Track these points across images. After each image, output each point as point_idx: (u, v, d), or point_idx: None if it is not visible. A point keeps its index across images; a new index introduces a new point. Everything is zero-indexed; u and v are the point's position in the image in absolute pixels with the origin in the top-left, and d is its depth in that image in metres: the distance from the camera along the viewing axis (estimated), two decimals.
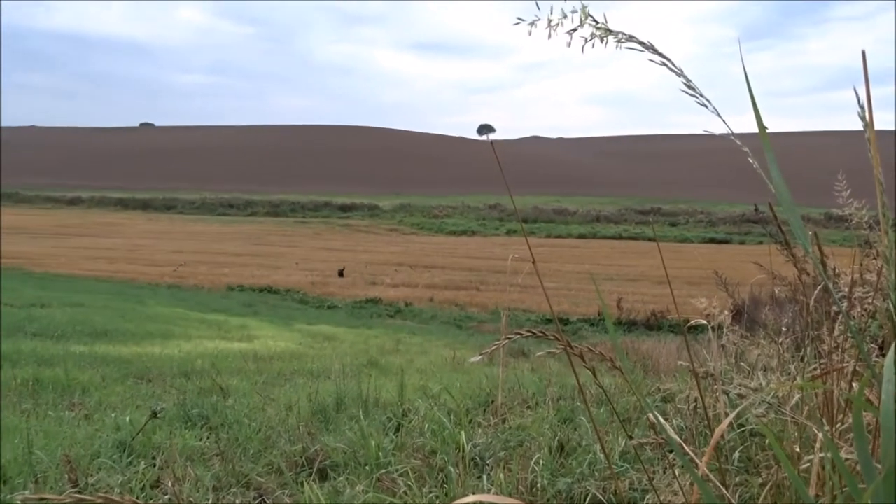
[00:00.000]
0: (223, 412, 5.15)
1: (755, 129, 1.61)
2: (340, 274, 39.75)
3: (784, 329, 3.57)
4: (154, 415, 4.69)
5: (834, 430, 2.25)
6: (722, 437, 2.68)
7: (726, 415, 1.89)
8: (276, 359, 11.53)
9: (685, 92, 1.65)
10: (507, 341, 1.53)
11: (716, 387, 2.51)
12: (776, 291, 4.17)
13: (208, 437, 4.63)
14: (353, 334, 19.33)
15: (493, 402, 5.08)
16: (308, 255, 46.36)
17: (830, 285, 1.60)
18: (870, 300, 2.22)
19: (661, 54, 1.64)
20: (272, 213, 78.24)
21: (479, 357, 1.48)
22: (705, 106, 1.64)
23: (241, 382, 7.85)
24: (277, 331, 18.38)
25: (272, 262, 43.15)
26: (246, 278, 36.04)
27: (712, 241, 59.27)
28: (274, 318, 22.51)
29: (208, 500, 3.57)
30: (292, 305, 29.28)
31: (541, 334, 1.56)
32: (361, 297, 31.46)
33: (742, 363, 3.73)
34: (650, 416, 1.66)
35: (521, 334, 1.54)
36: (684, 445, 1.62)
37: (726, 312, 3.68)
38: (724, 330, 3.64)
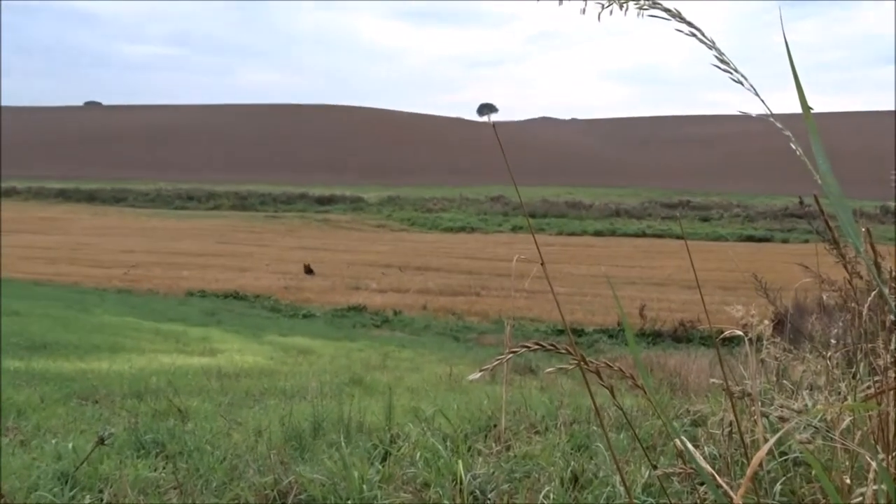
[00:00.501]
0: (181, 438, 5.15)
1: (798, 109, 1.61)
2: (308, 271, 39.79)
3: (833, 341, 3.58)
4: (101, 441, 4.68)
5: (890, 458, 2.26)
6: (760, 466, 2.69)
7: (766, 441, 1.90)
8: (244, 376, 11.51)
9: (717, 67, 1.65)
10: (511, 355, 1.53)
11: (754, 408, 2.52)
12: (824, 298, 4.17)
13: (164, 467, 4.62)
14: (332, 347, 19.31)
15: (495, 426, 5.08)
16: (280, 256, 46.34)
17: (886, 291, 1.60)
18: None
19: (689, 23, 1.65)
20: (239, 207, 78.19)
21: (479, 374, 1.48)
22: (741, 83, 1.65)
23: (202, 403, 7.83)
24: (245, 343, 18.35)
25: (239, 263, 43.11)
26: (208, 282, 36.01)
27: (750, 239, 59.34)
28: (241, 328, 22.47)
29: None
30: (262, 314, 29.26)
31: (551, 347, 1.56)
32: (343, 305, 31.45)
33: (785, 381, 3.74)
34: (677, 442, 1.66)
35: (527, 347, 1.54)
36: (717, 476, 1.62)
37: (766, 322, 3.69)
38: (764, 342, 3.65)
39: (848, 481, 2.36)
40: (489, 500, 3.75)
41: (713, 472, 1.64)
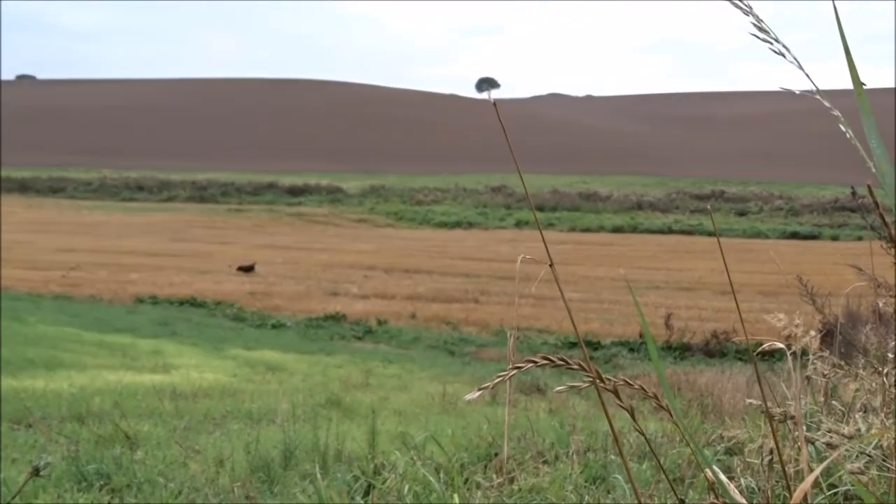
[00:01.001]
0: (130, 469, 5.15)
1: (850, 85, 1.62)
2: (245, 269, 40.01)
3: (891, 356, 3.60)
4: (36, 472, 4.68)
5: None
6: (805, 501, 2.70)
7: (811, 471, 1.90)
8: (202, 396, 11.51)
9: (755, 36, 1.66)
10: (515, 372, 1.54)
11: (798, 434, 2.53)
12: (880, 304, 4.19)
13: (109, 503, 4.63)
14: (306, 363, 19.31)
15: (496, 454, 5.09)
16: (246, 255, 46.29)
17: None
18: None
19: None
20: (197, 199, 78.13)
21: (478, 393, 1.49)
22: (782, 54, 1.65)
23: (154, 428, 7.84)
24: (204, 358, 18.35)
25: (197, 264, 43.07)
26: (161, 287, 35.98)
27: (794, 235, 59.44)
28: (199, 340, 22.45)
29: None
30: (224, 323, 29.24)
31: (561, 362, 1.57)
32: (318, 313, 31.44)
33: (834, 402, 3.75)
34: (709, 472, 1.67)
35: (534, 362, 1.55)
36: None
37: (813, 333, 3.70)
38: (810, 357, 3.66)
39: None
40: None
41: None
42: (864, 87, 1.60)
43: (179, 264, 42.75)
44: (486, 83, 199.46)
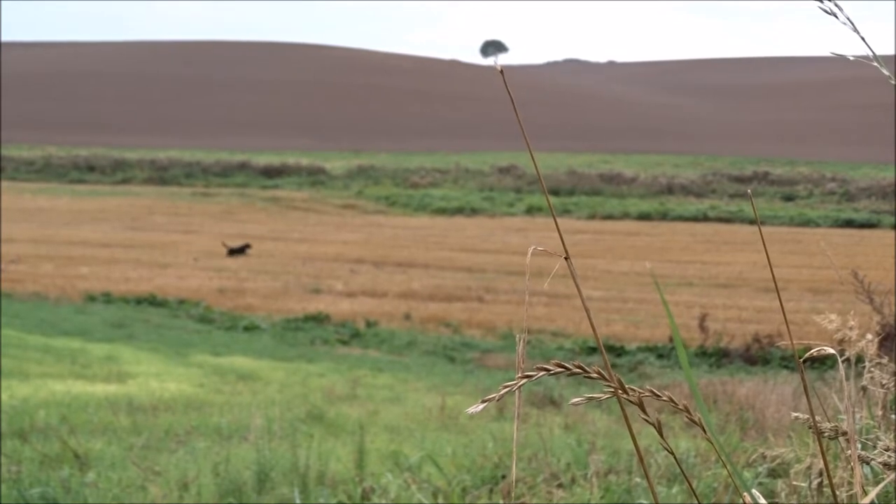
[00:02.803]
0: (79, 493, 5.15)
1: None
2: (235, 251, 40.20)
3: None
4: None
5: None
6: None
7: (866, 495, 1.91)
8: (163, 409, 11.53)
9: None
10: (524, 381, 1.54)
11: (850, 452, 2.54)
12: None
13: None
14: (283, 371, 19.34)
15: (503, 476, 5.09)
16: (213, 247, 46.31)
17: None
18: None
19: None
20: (157, 180, 78.10)
21: (482, 406, 1.49)
22: (834, 15, 1.66)
23: (107, 446, 7.85)
24: (165, 365, 18.38)
25: (157, 256, 43.10)
26: (115, 282, 36.01)
27: (849, 224, 59.41)
28: (159, 344, 22.47)
29: None
30: (189, 325, 29.26)
31: (578, 370, 1.57)
32: (297, 313, 31.45)
33: (894, 416, 3.76)
34: (748, 497, 1.68)
35: (546, 370, 1.55)
36: None
37: (870, 336, 3.71)
38: (867, 364, 3.67)
39: None
40: None
41: None
42: None
43: (137, 257, 42.76)
44: (492, 47, 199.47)
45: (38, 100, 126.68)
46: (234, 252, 41.41)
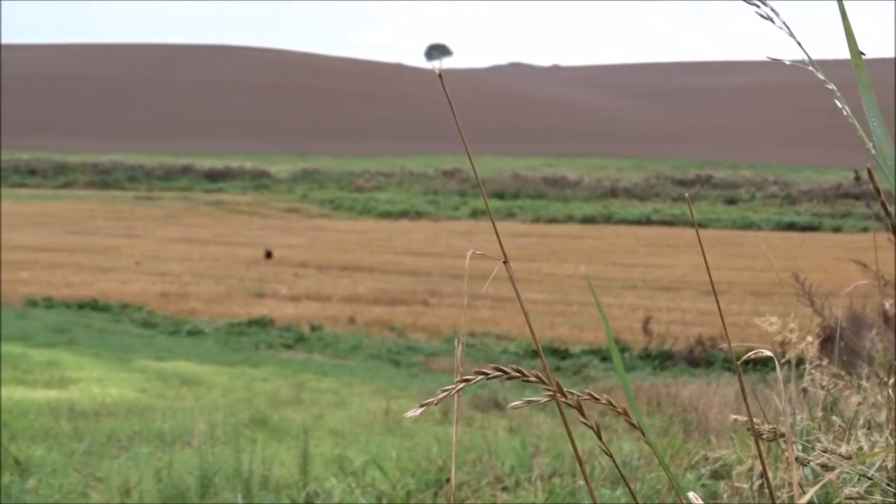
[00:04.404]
0: (20, 499, 5.11)
1: (847, 55, 1.64)
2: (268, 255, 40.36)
3: None
4: None
5: None
6: None
7: (804, 495, 1.93)
8: (106, 414, 11.45)
9: None
10: (462, 386, 1.54)
11: (787, 454, 2.56)
12: (887, 306, 4.24)
13: None
14: (227, 376, 19.26)
15: (448, 480, 5.09)
16: (156, 250, 46.08)
17: None
18: None
19: None
20: (98, 184, 77.56)
21: (420, 410, 1.49)
22: (770, 19, 1.67)
23: (48, 452, 7.78)
24: (107, 370, 18.26)
25: (99, 260, 42.81)
26: (56, 287, 35.73)
27: (791, 226, 59.87)
28: (101, 349, 22.31)
29: None
30: (131, 330, 29.09)
31: (516, 374, 1.57)
32: (241, 318, 31.34)
33: (835, 417, 3.79)
34: (691, 497, 1.68)
35: (485, 374, 1.55)
36: None
37: (810, 338, 3.74)
38: (807, 366, 3.70)
39: None
40: None
41: None
42: (865, 56, 1.62)
43: (79, 261, 42.46)
44: (436, 50, 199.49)
45: None
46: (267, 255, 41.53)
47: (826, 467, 2.14)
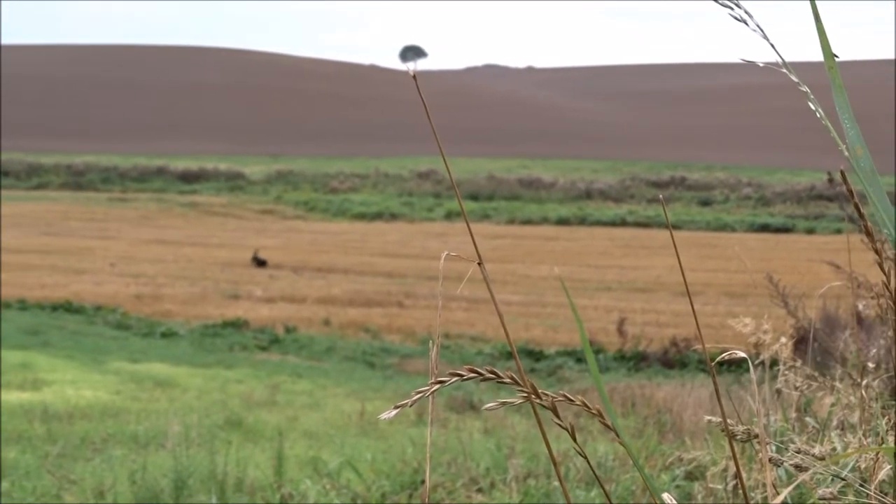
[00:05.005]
0: None
1: (821, 57, 1.64)
2: (259, 262, 40.20)
3: (872, 365, 3.65)
4: None
5: None
6: None
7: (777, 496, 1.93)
8: (79, 417, 11.42)
9: (715, 0, 1.68)
10: (437, 387, 1.54)
11: (761, 455, 2.57)
12: (860, 307, 4.25)
13: None
14: (201, 378, 19.22)
15: (423, 482, 5.09)
16: (130, 252, 45.95)
17: None
18: None
19: None
20: (72, 186, 77.30)
21: (394, 412, 1.49)
22: (744, 22, 1.67)
23: (21, 455, 7.76)
24: (81, 372, 18.20)
25: (73, 262, 42.66)
26: (30, 288, 35.59)
27: (765, 228, 60.03)
28: (75, 351, 22.24)
29: None
30: (105, 332, 29.00)
31: (491, 375, 1.57)
32: (216, 319, 31.27)
33: (808, 418, 3.80)
34: (664, 498, 1.69)
35: (459, 376, 1.55)
36: None
37: (784, 340, 3.75)
38: (781, 367, 3.71)
39: None
40: None
41: None
42: (838, 59, 1.62)
43: (53, 263, 42.32)
44: (411, 52, 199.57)
45: None
46: (260, 263, 41.35)
47: (800, 468, 2.14)
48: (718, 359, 1.85)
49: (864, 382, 3.36)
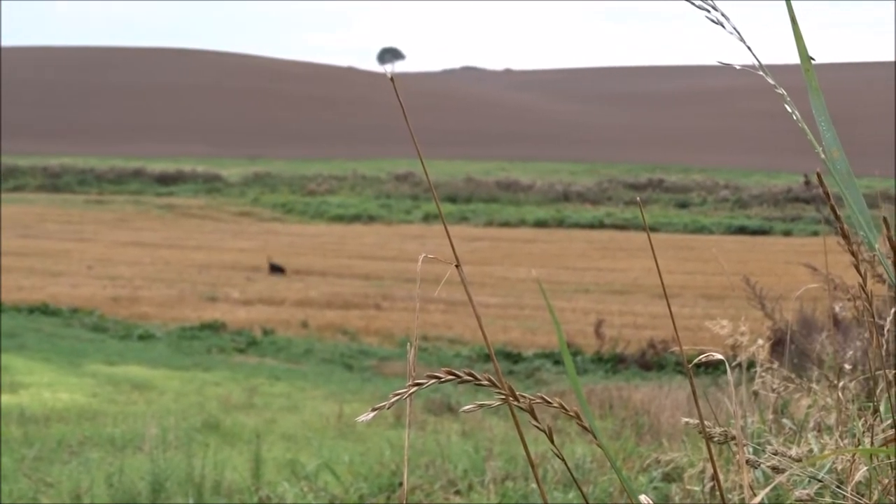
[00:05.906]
0: None
1: (797, 60, 1.65)
2: (276, 269, 40.13)
3: (848, 367, 3.66)
4: None
5: None
6: None
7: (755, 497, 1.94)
8: (56, 420, 11.39)
9: (691, 2, 1.68)
10: (414, 390, 1.54)
11: (738, 457, 2.57)
12: (837, 309, 4.27)
13: None
14: (179, 380, 19.18)
15: (401, 484, 5.09)
16: (107, 254, 45.84)
17: None
18: None
19: None
20: (49, 188, 77.06)
21: (371, 415, 1.49)
22: (721, 25, 1.68)
23: None
24: (58, 375, 18.15)
25: (50, 264, 42.53)
26: (7, 291, 35.45)
27: (742, 230, 60.20)
28: (52, 354, 22.17)
29: None
30: (82, 334, 28.93)
31: (468, 377, 1.57)
32: (193, 321, 31.22)
33: (785, 420, 3.81)
34: (641, 501, 1.69)
35: (437, 378, 1.55)
36: None
37: (761, 342, 3.76)
38: (758, 369, 3.72)
39: None
40: None
41: None
42: (814, 61, 1.63)
43: (29, 265, 42.18)
44: (389, 54, 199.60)
45: None
46: (276, 269, 41.19)
47: (777, 469, 2.15)
48: (696, 361, 1.85)
49: (840, 384, 3.37)
